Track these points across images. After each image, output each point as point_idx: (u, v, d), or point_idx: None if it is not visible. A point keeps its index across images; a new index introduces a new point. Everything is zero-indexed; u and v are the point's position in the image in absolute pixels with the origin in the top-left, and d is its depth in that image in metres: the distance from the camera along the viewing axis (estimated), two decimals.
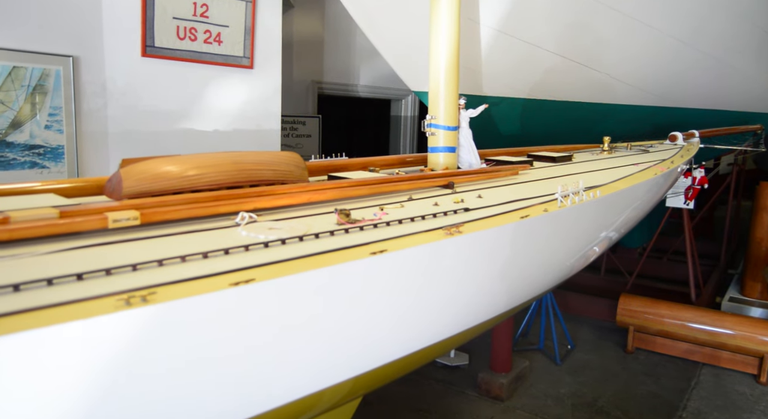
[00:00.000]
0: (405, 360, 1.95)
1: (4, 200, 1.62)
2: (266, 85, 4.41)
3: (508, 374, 4.69)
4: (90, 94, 3.53)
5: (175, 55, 3.87)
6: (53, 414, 1.02)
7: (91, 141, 3.56)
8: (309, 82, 6.49)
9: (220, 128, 4.18)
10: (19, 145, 3.19)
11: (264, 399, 1.47)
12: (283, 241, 1.53)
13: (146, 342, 1.10)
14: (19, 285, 1.11)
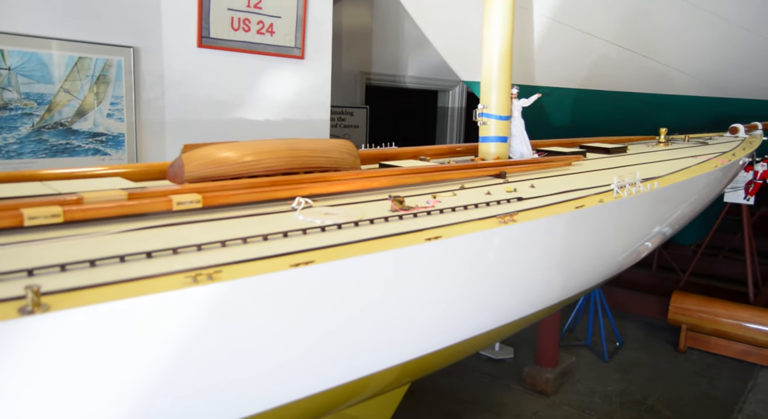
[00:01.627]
0: (452, 349, 1.95)
1: (76, 183, 1.71)
2: (316, 76, 4.46)
3: (555, 369, 4.63)
4: (149, 83, 3.65)
5: (229, 45, 3.95)
6: (125, 383, 1.07)
7: (149, 129, 3.68)
8: (357, 73, 6.52)
9: (272, 118, 4.26)
10: (83, 132, 3.33)
11: (316, 382, 1.49)
12: (339, 226, 1.55)
13: (212, 317, 1.14)
14: (95, 261, 1.17)
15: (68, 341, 0.99)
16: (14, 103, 3.04)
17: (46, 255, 1.19)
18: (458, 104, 7.92)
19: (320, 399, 1.55)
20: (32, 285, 0.95)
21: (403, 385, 2.50)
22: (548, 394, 4.51)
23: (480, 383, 4.71)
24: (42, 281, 1.06)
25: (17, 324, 0.93)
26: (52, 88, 3.18)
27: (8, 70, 3.00)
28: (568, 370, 4.81)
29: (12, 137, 3.06)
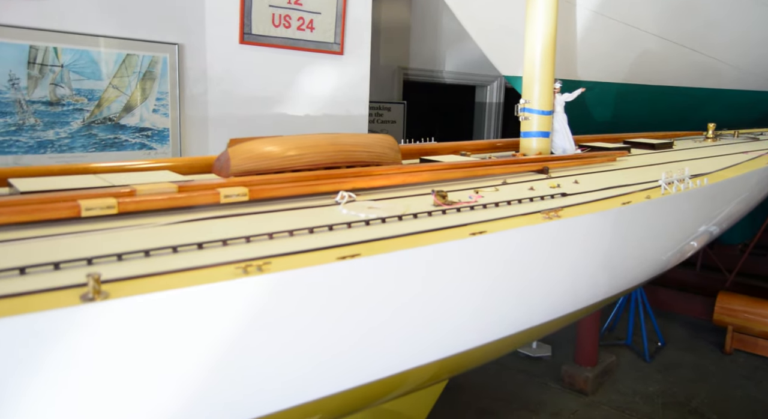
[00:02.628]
0: (492, 346, 1.94)
1: (127, 176, 1.76)
2: (355, 71, 4.48)
3: (594, 368, 4.55)
4: (192, 80, 3.72)
5: (270, 42, 4.00)
6: (178, 369, 1.11)
7: (192, 124, 3.76)
8: (395, 69, 6.52)
9: (311, 113, 4.29)
10: (130, 127, 3.43)
11: (356, 375, 1.51)
12: (383, 220, 1.56)
13: (261, 308, 1.17)
14: (149, 251, 1.20)
15: (126, 327, 1.02)
16: (66, 99, 3.15)
17: (103, 245, 1.23)
18: (496, 100, 7.83)
19: (360, 393, 1.56)
20: (93, 273, 0.99)
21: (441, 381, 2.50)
22: (587, 393, 4.44)
23: (516, 380, 4.67)
24: (101, 269, 1.10)
25: (79, 310, 0.97)
26: (102, 84, 3.28)
27: (61, 67, 3.10)
28: (608, 369, 4.73)
29: (64, 131, 3.16)
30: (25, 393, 0.96)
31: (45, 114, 3.09)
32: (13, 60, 2.94)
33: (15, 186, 1.53)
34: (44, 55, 3.05)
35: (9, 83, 2.94)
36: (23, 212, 1.30)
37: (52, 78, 3.08)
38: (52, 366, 0.97)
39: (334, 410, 1.65)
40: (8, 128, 2.97)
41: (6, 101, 2.94)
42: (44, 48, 3.04)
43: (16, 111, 2.99)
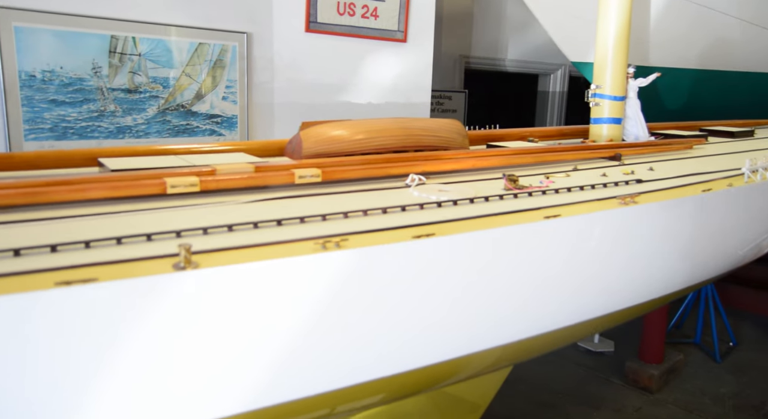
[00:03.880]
0: (557, 334, 1.91)
1: (206, 157, 1.83)
2: (418, 59, 4.46)
3: (660, 365, 4.40)
4: (260, 68, 3.81)
5: (334, 30, 4.04)
6: (260, 335, 1.15)
7: (259, 112, 3.85)
8: (456, 57, 6.45)
9: (373, 101, 4.32)
10: (201, 114, 3.55)
11: (421, 355, 1.51)
12: (454, 202, 1.56)
13: (339, 282, 1.19)
14: (232, 226, 1.25)
15: (214, 295, 1.07)
16: (143, 86, 3.29)
17: (188, 220, 1.29)
18: (560, 88, 7.63)
19: (423, 374, 1.57)
20: (185, 244, 1.03)
21: (504, 368, 2.48)
22: (652, 391, 4.30)
23: (577, 375, 4.58)
24: (189, 242, 1.15)
25: (172, 277, 1.02)
26: (176, 72, 3.41)
27: (139, 56, 3.24)
28: (675, 368, 4.56)
29: (141, 118, 3.31)
30: (123, 351, 1.02)
31: (124, 101, 3.24)
32: (96, 49, 3.09)
33: (105, 165, 1.62)
34: (124, 45, 3.19)
35: (92, 71, 3.09)
36: (115, 188, 1.38)
37: (130, 66, 3.22)
38: (146, 328, 1.02)
39: (396, 390, 1.67)
40: (91, 115, 3.13)
41: (89, 89, 3.10)
42: (124, 38, 3.18)
43: (98, 98, 3.14)
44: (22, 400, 0.96)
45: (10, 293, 0.90)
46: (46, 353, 0.95)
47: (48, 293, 0.92)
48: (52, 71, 2.96)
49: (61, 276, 0.95)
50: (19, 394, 0.95)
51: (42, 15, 2.88)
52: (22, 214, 1.26)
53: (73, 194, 1.32)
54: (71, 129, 3.07)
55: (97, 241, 1.11)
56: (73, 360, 0.97)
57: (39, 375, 0.95)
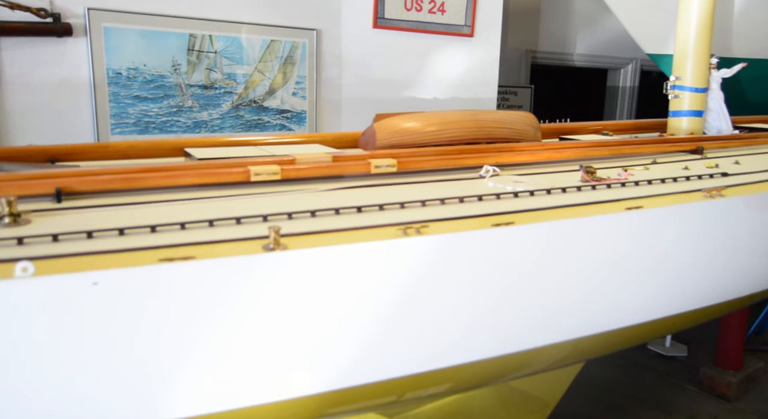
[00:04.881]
0: (629, 332, 1.86)
1: (283, 148, 1.89)
2: (485, 54, 4.43)
3: (738, 372, 4.18)
4: (328, 64, 3.88)
5: (402, 25, 4.06)
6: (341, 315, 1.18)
7: (327, 107, 3.93)
8: (523, 52, 6.35)
9: (439, 96, 4.31)
10: (272, 109, 3.65)
11: (491, 346, 1.51)
12: (531, 192, 1.55)
13: (419, 268, 1.21)
14: (315, 212, 1.29)
15: (300, 276, 1.11)
16: (218, 82, 3.42)
17: (273, 205, 1.34)
18: (630, 83, 7.37)
19: (492, 365, 1.56)
20: (274, 227, 1.08)
21: (573, 364, 2.43)
22: (729, 399, 4.10)
23: (648, 379, 4.42)
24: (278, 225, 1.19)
25: (261, 258, 1.06)
26: (249, 69, 3.52)
27: (215, 53, 3.37)
28: (755, 376, 4.32)
29: (216, 113, 3.44)
30: (215, 325, 1.07)
31: (200, 97, 3.38)
32: (176, 47, 3.24)
33: (192, 154, 1.70)
34: (201, 43, 3.33)
35: (172, 68, 3.24)
36: (204, 175, 1.45)
37: (207, 63, 3.36)
38: (236, 304, 1.07)
39: (464, 380, 1.67)
40: (170, 110, 3.28)
41: (169, 85, 3.26)
42: (201, 36, 3.32)
43: (177, 94, 3.29)
44: (131, 364, 1.03)
45: (119, 267, 0.96)
46: (150, 324, 1.01)
47: (153, 268, 0.98)
48: (136, 69, 3.13)
49: (163, 254, 1.02)
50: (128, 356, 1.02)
51: (128, 15, 3.04)
52: (121, 198, 1.34)
53: (166, 180, 1.39)
54: (153, 124, 3.23)
55: (192, 223, 1.17)
56: (172, 330, 1.04)
57: (143, 341, 1.02)
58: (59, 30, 2.78)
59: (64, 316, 0.95)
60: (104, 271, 0.96)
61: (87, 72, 2.97)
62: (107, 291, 0.96)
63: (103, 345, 1.00)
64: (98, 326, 0.98)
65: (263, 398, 1.23)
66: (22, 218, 1.15)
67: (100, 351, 1.00)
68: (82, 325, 0.97)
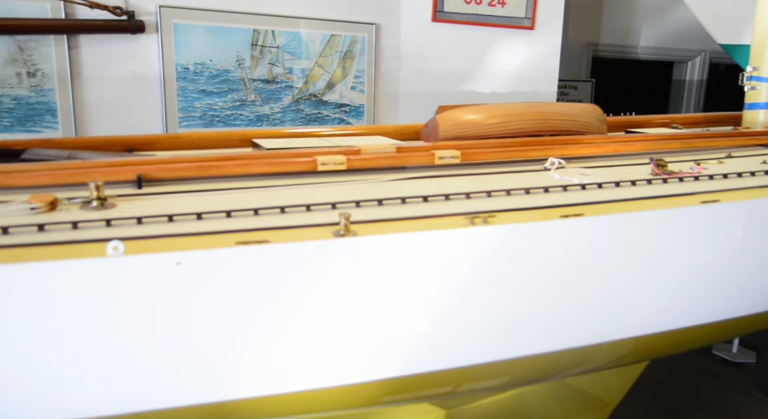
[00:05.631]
0: (696, 331, 1.79)
1: (345, 140, 1.92)
2: (545, 47, 4.34)
3: None
4: (387, 58, 3.90)
5: (461, 18, 4.03)
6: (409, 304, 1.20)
7: (384, 101, 3.95)
8: (584, 45, 6.19)
9: (498, 90, 4.26)
10: (331, 103, 3.71)
11: (551, 339, 1.49)
12: (599, 185, 1.52)
13: (486, 257, 1.21)
14: (382, 200, 1.31)
15: (369, 262, 1.13)
16: (280, 77, 3.50)
17: (340, 194, 1.36)
18: (698, 77, 7.06)
19: (554, 359, 1.55)
20: (345, 213, 1.10)
21: (634, 363, 2.37)
22: None
23: (712, 385, 4.24)
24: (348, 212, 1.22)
25: (332, 243, 1.09)
26: (309, 63, 3.58)
27: (277, 48, 3.45)
28: None
29: (277, 107, 3.52)
30: (286, 307, 1.11)
31: (263, 91, 3.46)
32: (240, 43, 3.33)
33: (260, 145, 1.75)
34: (264, 38, 3.41)
35: (236, 63, 3.34)
36: (273, 164, 1.49)
37: (269, 58, 3.44)
38: (307, 288, 1.11)
39: (522, 374, 1.66)
40: (234, 104, 3.38)
41: (233, 79, 3.35)
42: (264, 31, 3.40)
43: (241, 88, 3.39)
44: (208, 340, 1.08)
45: (199, 249, 1.01)
46: (226, 303, 1.06)
47: (231, 250, 1.02)
48: (202, 64, 3.24)
49: (239, 237, 1.06)
50: (206, 333, 1.07)
51: (196, 12, 3.15)
52: (196, 185, 1.40)
53: (238, 168, 1.44)
54: (217, 117, 3.34)
55: (264, 209, 1.21)
56: (246, 310, 1.08)
57: (220, 319, 1.07)
58: (133, 27, 2.91)
59: (150, 292, 1.01)
60: (186, 252, 1.01)
61: (157, 67, 3.10)
62: (189, 271, 1.01)
63: (185, 321, 1.05)
64: (181, 303, 1.04)
65: (322, 382, 1.26)
66: (108, 202, 1.22)
67: (182, 327, 1.05)
68: (166, 302, 1.03)
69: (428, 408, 2.06)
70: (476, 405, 2.23)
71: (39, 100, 2.84)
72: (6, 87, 2.76)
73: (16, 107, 2.80)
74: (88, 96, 2.96)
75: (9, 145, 1.70)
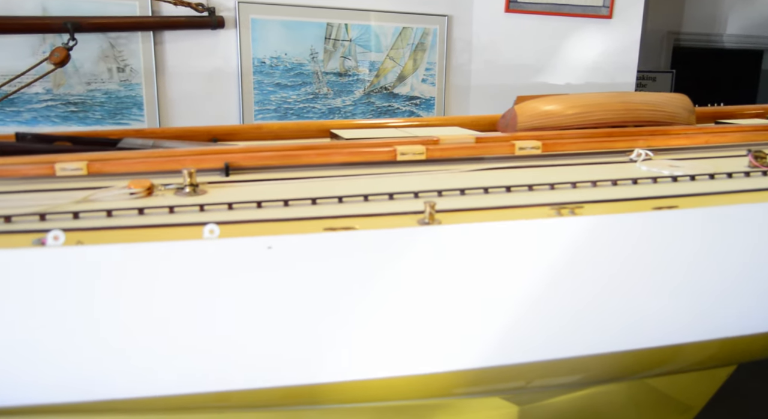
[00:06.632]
0: None
1: (422, 130, 1.91)
2: (624, 36, 4.17)
3: None
4: (458, 50, 3.86)
5: (535, 8, 3.94)
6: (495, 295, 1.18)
7: (455, 94, 3.92)
8: (664, 34, 5.90)
9: (572, 82, 4.14)
10: (402, 96, 3.71)
11: (632, 336, 1.43)
12: (692, 177, 1.45)
13: (573, 249, 1.18)
14: (464, 190, 1.30)
15: (454, 251, 1.12)
16: (352, 70, 3.53)
17: (421, 183, 1.36)
18: None
19: (629, 359, 1.49)
20: (430, 201, 1.10)
21: (719, 367, 2.26)
22: None
23: None
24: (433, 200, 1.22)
25: (417, 231, 1.09)
26: (380, 56, 3.60)
27: (350, 41, 3.48)
28: None
29: (349, 99, 3.56)
30: (366, 296, 1.12)
31: (335, 84, 3.51)
32: (314, 37, 3.39)
33: (339, 136, 1.78)
34: (337, 31, 3.45)
35: (310, 57, 3.40)
36: (353, 153, 1.51)
37: (342, 51, 3.48)
38: (392, 275, 1.11)
39: (599, 372, 1.61)
40: (307, 97, 3.45)
41: (307, 73, 3.41)
42: (337, 25, 3.44)
43: (314, 81, 3.45)
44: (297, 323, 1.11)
45: (288, 234, 1.04)
46: (314, 288, 1.08)
47: (319, 236, 1.04)
48: (278, 58, 3.31)
49: (326, 224, 1.08)
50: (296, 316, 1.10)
51: (272, 7, 3.23)
52: (280, 173, 1.44)
53: (320, 157, 1.47)
54: (291, 110, 3.41)
55: (348, 197, 1.22)
56: (332, 295, 1.10)
57: (308, 303, 1.10)
58: (214, 23, 3.02)
59: (243, 275, 1.04)
60: (276, 237, 1.04)
61: (235, 61, 3.20)
62: (279, 255, 1.03)
63: (274, 304, 1.08)
64: (270, 286, 1.07)
65: (396, 370, 1.27)
66: (200, 189, 1.28)
67: (272, 310, 1.09)
68: (256, 285, 1.06)
69: (500, 402, 2.04)
70: (550, 402, 2.19)
71: (127, 94, 3.00)
72: (98, 82, 2.93)
73: (107, 101, 2.96)
74: (171, 90, 3.10)
75: (106, 135, 1.80)
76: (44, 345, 1.02)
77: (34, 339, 1.02)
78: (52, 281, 0.99)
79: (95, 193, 1.22)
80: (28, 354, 1.03)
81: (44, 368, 1.05)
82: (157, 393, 1.10)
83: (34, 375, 1.05)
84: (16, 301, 1.00)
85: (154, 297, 1.04)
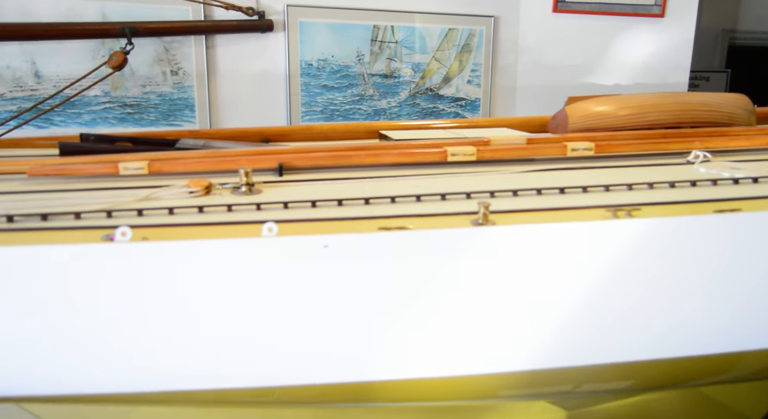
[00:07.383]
0: None
1: (469, 131, 1.91)
2: (676, 36, 4.06)
3: None
4: (504, 51, 3.83)
5: (584, 8, 3.87)
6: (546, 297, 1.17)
7: (501, 95, 3.88)
8: (718, 32, 5.71)
9: (621, 82, 4.05)
10: (447, 97, 3.70)
11: (687, 342, 1.39)
12: (754, 179, 1.40)
13: (627, 251, 1.16)
14: (516, 191, 1.29)
15: (508, 252, 1.12)
16: (398, 72, 3.55)
17: (473, 183, 1.36)
18: None
19: (684, 365, 1.45)
20: (484, 202, 1.10)
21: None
22: None
23: None
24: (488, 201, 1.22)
25: (472, 232, 1.09)
26: (426, 57, 3.60)
27: (396, 43, 3.50)
28: None
29: (394, 101, 3.58)
30: (419, 295, 1.13)
31: (381, 86, 3.53)
32: (361, 39, 3.42)
33: (389, 136, 1.79)
34: (383, 33, 3.47)
35: (356, 59, 3.43)
36: (404, 154, 1.52)
37: (388, 53, 3.50)
38: (445, 276, 1.12)
39: (649, 379, 1.57)
40: (353, 98, 3.48)
41: (353, 75, 3.45)
42: (384, 27, 3.46)
43: (360, 83, 3.48)
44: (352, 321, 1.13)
45: (344, 233, 1.05)
46: (368, 286, 1.10)
47: (374, 235, 1.06)
48: (325, 60, 3.36)
49: (380, 223, 1.09)
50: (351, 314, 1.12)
51: (320, 10, 3.27)
52: (332, 173, 1.46)
53: (371, 158, 1.49)
54: (337, 111, 3.45)
55: (400, 197, 1.23)
56: (386, 294, 1.11)
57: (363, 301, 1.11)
58: (263, 26, 3.08)
59: (300, 273, 1.07)
60: (332, 235, 1.05)
61: (284, 64, 3.25)
62: (335, 253, 1.05)
63: (329, 302, 1.10)
64: (325, 285, 1.09)
65: (445, 371, 1.27)
66: (255, 188, 1.31)
67: (327, 307, 1.10)
68: (312, 283, 1.08)
69: (547, 406, 2.01)
70: (598, 408, 2.15)
71: (180, 96, 3.09)
72: (153, 85, 3.03)
73: (161, 103, 3.06)
74: (222, 92, 3.18)
75: (163, 135, 1.86)
76: (124, 335, 1.07)
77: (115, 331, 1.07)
78: (121, 275, 1.04)
79: (156, 191, 1.27)
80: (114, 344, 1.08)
81: (121, 358, 1.10)
82: (220, 386, 1.14)
83: (111, 364, 1.10)
84: (87, 294, 1.04)
85: (212, 293, 1.08)
